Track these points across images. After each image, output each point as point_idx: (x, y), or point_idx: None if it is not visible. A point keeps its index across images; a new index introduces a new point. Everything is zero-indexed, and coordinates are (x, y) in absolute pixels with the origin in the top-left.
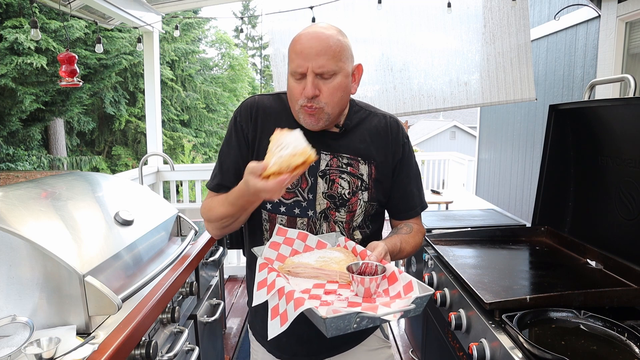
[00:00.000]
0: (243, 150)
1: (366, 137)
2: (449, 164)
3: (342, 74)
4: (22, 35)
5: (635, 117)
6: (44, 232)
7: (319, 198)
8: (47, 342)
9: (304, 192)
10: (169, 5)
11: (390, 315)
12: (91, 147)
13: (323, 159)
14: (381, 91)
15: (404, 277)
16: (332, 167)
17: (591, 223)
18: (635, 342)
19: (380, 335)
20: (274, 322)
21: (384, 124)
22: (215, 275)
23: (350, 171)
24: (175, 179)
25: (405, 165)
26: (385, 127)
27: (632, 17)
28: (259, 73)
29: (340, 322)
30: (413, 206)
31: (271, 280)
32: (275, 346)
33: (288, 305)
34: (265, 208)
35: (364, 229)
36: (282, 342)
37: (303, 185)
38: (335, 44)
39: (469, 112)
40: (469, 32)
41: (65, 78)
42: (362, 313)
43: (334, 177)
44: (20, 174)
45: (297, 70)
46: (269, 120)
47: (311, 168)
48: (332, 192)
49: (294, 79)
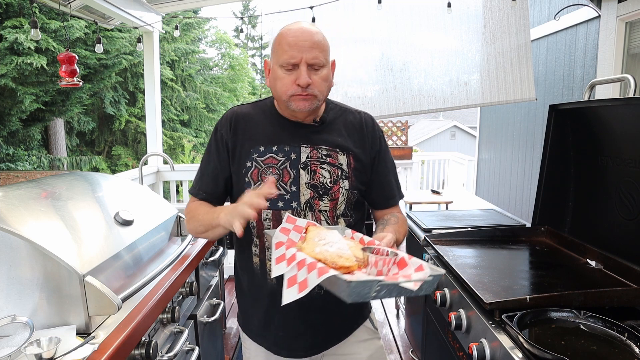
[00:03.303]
0: (222, 157)
1: (342, 131)
2: (449, 164)
3: (327, 66)
4: (22, 35)
5: (635, 117)
6: (44, 232)
7: (303, 189)
8: (47, 342)
9: (287, 185)
10: (169, 5)
11: (410, 284)
12: (91, 147)
13: (303, 151)
14: (381, 91)
15: (414, 262)
16: (313, 158)
17: (591, 223)
18: (635, 342)
19: (369, 326)
20: (290, 290)
21: (358, 119)
22: (215, 275)
23: (330, 162)
24: (175, 179)
25: (382, 157)
26: (360, 122)
27: (632, 17)
28: (259, 73)
29: (362, 288)
30: (393, 195)
31: (290, 254)
32: (272, 342)
33: (310, 274)
34: None
35: (348, 217)
36: (278, 337)
37: (285, 178)
38: (323, 39)
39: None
40: (469, 32)
41: (65, 78)
42: (383, 281)
43: (315, 167)
44: (20, 174)
45: (289, 62)
46: (249, 126)
47: (293, 161)
48: (315, 182)
49: (283, 70)
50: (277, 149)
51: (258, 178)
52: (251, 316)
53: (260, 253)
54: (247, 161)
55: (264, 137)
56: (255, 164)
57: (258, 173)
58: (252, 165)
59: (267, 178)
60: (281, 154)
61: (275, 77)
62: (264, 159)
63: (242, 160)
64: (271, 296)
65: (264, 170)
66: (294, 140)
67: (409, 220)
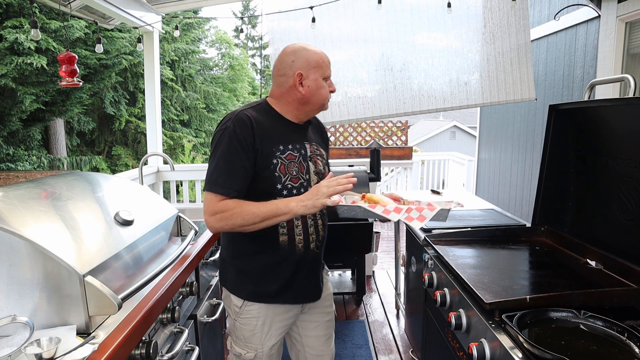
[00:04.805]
0: (250, 157)
1: (316, 131)
2: (449, 164)
3: None
4: (22, 35)
5: (635, 117)
6: (44, 232)
7: (312, 176)
8: (47, 342)
9: (303, 174)
10: (169, 5)
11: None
12: (91, 147)
13: (307, 147)
14: (381, 91)
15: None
16: (313, 152)
17: (591, 223)
18: (635, 342)
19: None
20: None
21: (317, 122)
22: (215, 275)
23: (319, 154)
24: (175, 179)
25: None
26: (319, 124)
27: (632, 17)
28: (259, 73)
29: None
30: None
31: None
32: (292, 297)
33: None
34: (281, 195)
35: None
36: (297, 291)
37: (302, 169)
38: None
39: (469, 112)
40: (469, 32)
41: (66, 78)
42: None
43: (315, 159)
44: (20, 174)
45: (328, 75)
46: (264, 129)
47: (304, 155)
48: (317, 170)
49: (323, 82)
50: (292, 147)
51: (285, 171)
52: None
53: (289, 231)
54: (273, 159)
55: (279, 138)
56: (280, 160)
57: (285, 167)
58: (278, 161)
59: (327, 173)
60: (295, 150)
61: (319, 87)
62: (285, 156)
63: (268, 159)
64: (298, 262)
65: (288, 164)
66: (299, 139)
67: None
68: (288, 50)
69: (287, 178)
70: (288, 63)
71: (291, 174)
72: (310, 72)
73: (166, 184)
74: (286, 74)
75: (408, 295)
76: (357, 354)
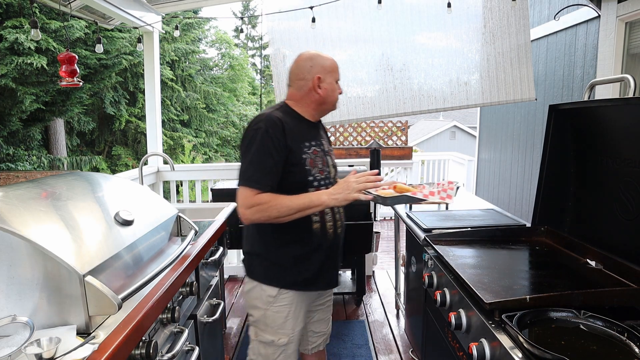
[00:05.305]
0: (282, 155)
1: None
2: (449, 164)
3: None
4: (22, 35)
5: (635, 117)
6: (44, 232)
7: (331, 168)
8: (47, 342)
9: (326, 168)
10: (169, 5)
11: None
12: (91, 147)
13: (324, 143)
14: (381, 91)
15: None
16: (328, 147)
17: (591, 223)
18: (635, 342)
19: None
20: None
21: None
22: (215, 275)
23: (330, 149)
24: (175, 179)
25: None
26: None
27: (632, 17)
28: (259, 73)
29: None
30: None
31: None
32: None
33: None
34: (312, 185)
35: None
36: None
37: (324, 163)
38: None
39: (469, 112)
40: (469, 32)
41: (66, 78)
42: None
43: (330, 153)
44: (20, 174)
45: (338, 78)
46: (290, 128)
47: (324, 150)
48: (333, 163)
49: (336, 84)
50: (315, 143)
51: (314, 164)
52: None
53: (321, 219)
54: (303, 154)
55: (303, 135)
56: (308, 155)
57: (313, 161)
58: (307, 156)
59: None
60: (317, 146)
61: (334, 89)
62: (312, 151)
63: (299, 154)
64: (330, 247)
65: (315, 158)
66: (317, 136)
67: (409, 220)
68: (304, 56)
69: (315, 170)
70: (307, 68)
71: (318, 167)
72: (326, 75)
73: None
74: (305, 77)
75: (408, 295)
76: (357, 354)
